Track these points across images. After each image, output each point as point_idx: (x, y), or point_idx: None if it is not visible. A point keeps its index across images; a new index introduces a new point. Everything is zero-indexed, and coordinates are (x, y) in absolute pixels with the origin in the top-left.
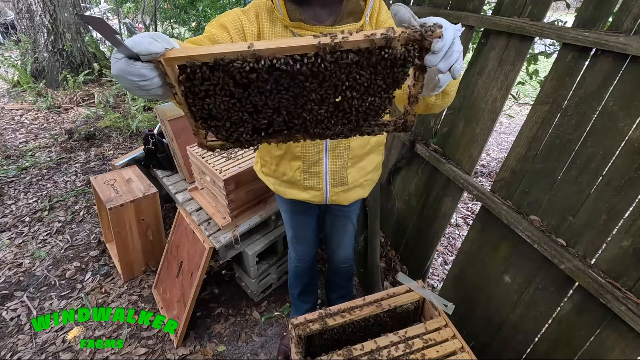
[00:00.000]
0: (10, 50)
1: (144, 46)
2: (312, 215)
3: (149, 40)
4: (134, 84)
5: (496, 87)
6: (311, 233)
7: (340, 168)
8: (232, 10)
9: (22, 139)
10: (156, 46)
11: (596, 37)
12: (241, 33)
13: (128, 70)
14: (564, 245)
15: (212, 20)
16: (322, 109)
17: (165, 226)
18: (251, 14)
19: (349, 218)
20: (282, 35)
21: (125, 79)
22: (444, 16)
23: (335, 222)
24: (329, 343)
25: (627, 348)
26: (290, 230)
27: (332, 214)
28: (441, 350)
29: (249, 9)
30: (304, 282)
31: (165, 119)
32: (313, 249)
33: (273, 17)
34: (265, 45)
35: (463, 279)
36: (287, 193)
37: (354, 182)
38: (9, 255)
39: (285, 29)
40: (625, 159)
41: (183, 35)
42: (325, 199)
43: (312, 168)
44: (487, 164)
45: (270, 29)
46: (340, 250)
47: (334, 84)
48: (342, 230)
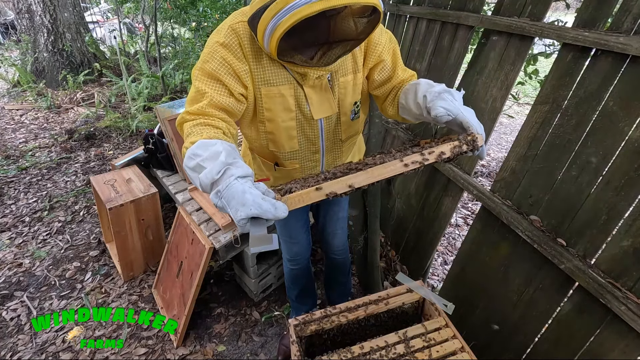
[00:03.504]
0: (10, 50)
1: (272, 215)
2: (304, 209)
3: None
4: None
5: (496, 87)
6: (303, 230)
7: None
8: (212, 47)
9: (22, 139)
10: (282, 211)
11: (596, 37)
12: (235, 77)
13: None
14: (564, 245)
15: (196, 67)
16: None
17: (165, 226)
18: (235, 49)
19: (341, 205)
20: (270, 69)
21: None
22: (444, 16)
23: (328, 210)
24: (329, 343)
25: (627, 348)
26: (283, 230)
27: (325, 203)
28: (441, 350)
29: (229, 41)
30: (300, 286)
31: (165, 119)
32: (307, 250)
33: (256, 48)
34: (365, 181)
35: (463, 279)
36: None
37: None
38: (9, 255)
39: (272, 61)
40: (625, 159)
41: (183, 35)
42: None
43: (310, 168)
44: (487, 164)
45: (257, 63)
46: (335, 240)
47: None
48: (335, 217)
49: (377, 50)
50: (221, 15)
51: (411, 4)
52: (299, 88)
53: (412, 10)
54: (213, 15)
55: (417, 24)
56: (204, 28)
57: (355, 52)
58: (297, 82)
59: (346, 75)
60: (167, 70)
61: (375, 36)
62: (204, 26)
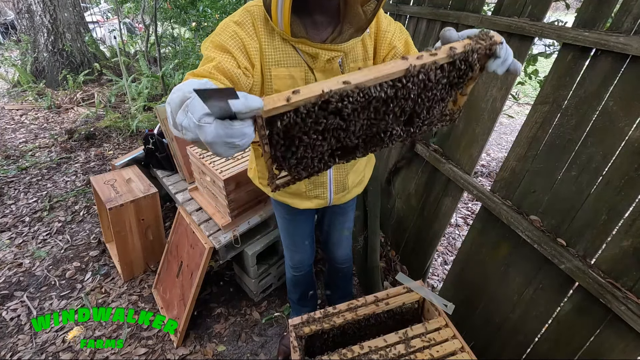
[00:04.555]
0: (10, 50)
1: (241, 103)
2: (310, 217)
3: (242, 95)
4: (230, 145)
5: (496, 87)
6: (308, 239)
7: (344, 177)
8: (225, 23)
9: (22, 139)
10: (254, 101)
11: (596, 37)
12: (244, 51)
13: (229, 133)
14: (564, 245)
15: (206, 40)
16: (397, 127)
17: (165, 226)
18: (248, 27)
19: (347, 216)
20: (281, 50)
21: (222, 144)
22: (444, 16)
23: (334, 221)
24: (329, 343)
25: (627, 348)
26: (287, 238)
27: (331, 212)
28: (441, 350)
29: (242, 19)
30: (302, 290)
31: (165, 119)
32: (310, 258)
33: (269, 28)
34: (363, 77)
35: (463, 279)
36: (290, 202)
37: (352, 184)
38: (9, 255)
39: (284, 42)
40: (625, 159)
41: (183, 35)
42: (329, 203)
43: (317, 179)
44: (487, 164)
45: (269, 42)
46: (340, 251)
47: (413, 100)
48: (340, 228)
49: (387, 37)
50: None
51: (411, 4)
52: (309, 72)
53: (412, 10)
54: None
55: (417, 24)
56: (204, 28)
57: (365, 40)
58: (308, 65)
59: (356, 62)
60: (167, 70)
61: (384, 25)
62: (204, 26)
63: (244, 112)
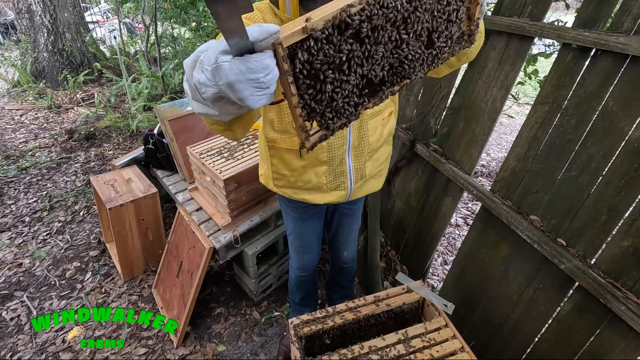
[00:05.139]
0: (10, 50)
1: (256, 29)
2: (320, 217)
3: (256, 25)
4: (254, 83)
5: (496, 87)
6: (317, 239)
7: (362, 164)
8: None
9: (22, 139)
10: (270, 26)
11: (596, 37)
12: None
13: (250, 67)
14: (564, 245)
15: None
16: (419, 50)
17: (165, 226)
18: (258, 20)
19: (356, 216)
20: None
21: (246, 82)
22: None
23: (342, 221)
24: (329, 343)
25: (627, 348)
26: (297, 240)
27: (340, 213)
28: (441, 350)
29: (252, 15)
30: (305, 290)
31: (165, 119)
32: (316, 258)
33: (277, 21)
34: None
35: (463, 279)
36: (310, 199)
37: (370, 174)
38: (9, 255)
39: None
40: (625, 159)
41: (183, 35)
42: (349, 196)
43: (337, 169)
44: (487, 164)
45: None
46: (346, 251)
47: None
48: (349, 228)
49: None
50: None
51: None
52: None
53: None
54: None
55: None
56: (204, 28)
57: None
58: None
59: None
60: (167, 70)
61: None
62: (204, 26)
63: (261, 39)
